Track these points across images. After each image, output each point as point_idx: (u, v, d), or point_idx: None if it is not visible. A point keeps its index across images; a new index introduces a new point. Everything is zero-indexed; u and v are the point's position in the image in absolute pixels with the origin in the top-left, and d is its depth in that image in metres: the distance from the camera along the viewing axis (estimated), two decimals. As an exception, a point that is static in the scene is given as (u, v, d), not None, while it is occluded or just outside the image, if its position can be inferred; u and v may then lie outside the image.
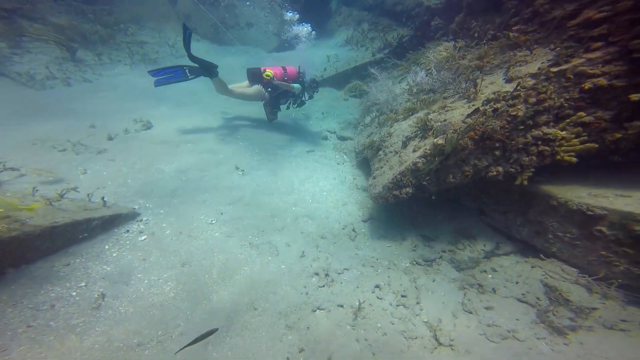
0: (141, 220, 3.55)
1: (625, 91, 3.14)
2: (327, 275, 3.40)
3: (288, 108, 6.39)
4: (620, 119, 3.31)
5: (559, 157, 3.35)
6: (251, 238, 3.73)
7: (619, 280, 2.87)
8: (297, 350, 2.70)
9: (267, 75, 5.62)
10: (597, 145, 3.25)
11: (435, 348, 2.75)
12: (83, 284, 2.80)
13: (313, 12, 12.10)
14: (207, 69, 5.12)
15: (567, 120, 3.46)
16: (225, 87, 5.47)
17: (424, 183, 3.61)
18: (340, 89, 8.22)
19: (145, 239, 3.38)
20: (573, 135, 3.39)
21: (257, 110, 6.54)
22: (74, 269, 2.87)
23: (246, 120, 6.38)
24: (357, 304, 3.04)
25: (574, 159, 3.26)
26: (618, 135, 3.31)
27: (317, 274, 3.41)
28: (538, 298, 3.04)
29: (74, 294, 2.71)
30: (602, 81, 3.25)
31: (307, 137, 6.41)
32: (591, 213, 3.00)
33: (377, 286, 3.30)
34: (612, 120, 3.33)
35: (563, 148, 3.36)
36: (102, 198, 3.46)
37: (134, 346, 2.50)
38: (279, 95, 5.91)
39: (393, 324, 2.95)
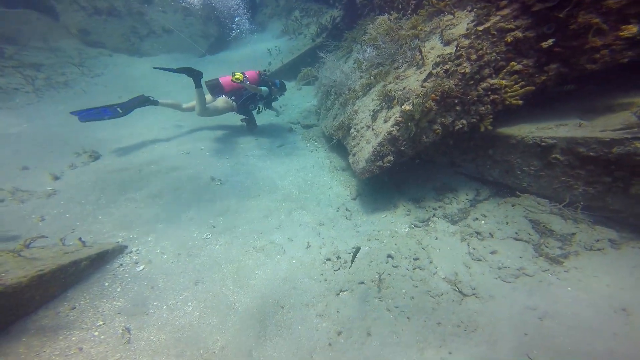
0: (131, 252, 3.32)
1: (537, 40, 3.66)
2: (338, 257, 3.50)
3: (259, 112, 6.17)
4: (540, 64, 3.89)
5: (507, 102, 3.84)
6: (253, 242, 3.66)
7: (582, 203, 3.31)
8: (335, 334, 2.77)
9: (237, 79, 5.35)
10: (534, 88, 3.79)
11: (462, 299, 2.97)
12: (100, 322, 2.67)
13: (238, 7, 11.63)
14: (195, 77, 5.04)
15: (504, 70, 3.95)
16: (203, 107, 5.25)
17: (402, 148, 3.87)
18: (290, 80, 8.17)
19: (143, 268, 3.19)
20: (513, 82, 3.90)
21: (211, 118, 6.20)
22: (82, 311, 2.72)
23: (202, 130, 6.05)
24: (377, 276, 3.20)
25: (520, 102, 3.77)
26: (543, 78, 3.89)
27: (329, 259, 3.49)
28: (529, 234, 3.42)
29: (96, 333, 2.59)
30: (518, 34, 3.70)
31: (272, 133, 6.31)
32: (545, 144, 3.50)
33: (389, 255, 3.48)
34: (535, 66, 3.89)
35: (508, 94, 3.85)
36: (80, 239, 3.11)
37: None
38: (246, 101, 5.70)
39: (416, 286, 3.14)
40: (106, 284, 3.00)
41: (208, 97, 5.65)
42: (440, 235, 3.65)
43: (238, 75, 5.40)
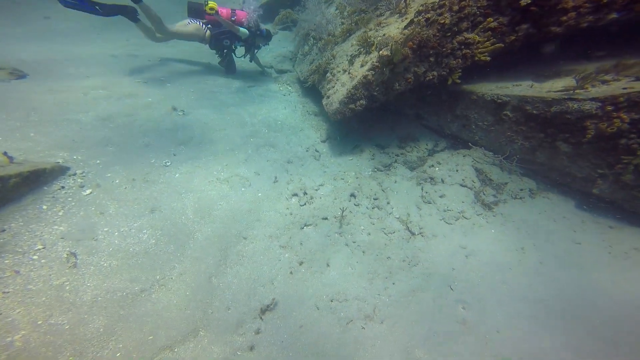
0: (75, 174, 2.98)
1: (516, -1, 3.77)
2: (305, 193, 3.54)
3: (237, 56, 5.63)
4: (513, 23, 4.05)
5: (477, 58, 3.98)
6: (217, 174, 3.52)
7: (517, 156, 3.71)
8: (297, 264, 2.87)
9: (211, 9, 4.73)
10: (503, 45, 3.96)
11: (410, 237, 3.24)
12: (40, 246, 2.44)
13: None
14: (127, 14, 4.35)
15: (480, 26, 4.06)
16: (158, 27, 4.61)
17: (375, 94, 3.88)
18: (266, 22, 7.54)
19: (90, 192, 2.91)
20: (485, 39, 4.03)
21: (181, 50, 5.59)
22: (16, 234, 2.45)
23: (164, 62, 5.44)
24: (340, 213, 3.32)
25: (488, 58, 3.93)
26: (512, 38, 4.07)
27: (295, 194, 3.52)
28: (473, 181, 3.77)
29: (35, 257, 2.38)
30: (499, -11, 3.81)
31: (243, 74, 5.88)
32: (500, 101, 3.76)
33: (352, 194, 3.61)
34: (509, 25, 4.05)
35: (479, 50, 4.00)
36: (5, 153, 2.68)
37: (138, 292, 2.38)
38: (220, 36, 5.12)
39: (373, 224, 3.34)
40: (44, 207, 2.69)
41: (183, 22, 5.05)
42: (399, 179, 3.86)
43: (212, 4, 4.84)
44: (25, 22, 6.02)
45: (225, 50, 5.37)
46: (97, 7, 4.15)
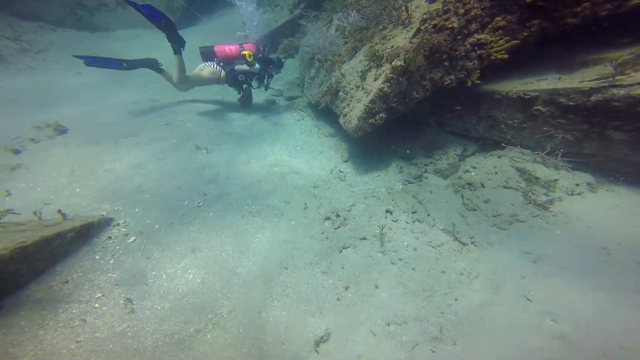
0: (119, 224, 3.09)
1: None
2: (338, 216, 3.49)
3: (255, 88, 5.80)
4: (522, 20, 4.01)
5: (493, 57, 3.93)
6: (248, 208, 3.54)
7: (561, 150, 3.49)
8: (342, 289, 2.78)
9: (250, 55, 5.04)
10: (519, 41, 3.90)
11: (462, 248, 3.03)
12: (99, 294, 2.54)
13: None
14: (150, 65, 4.84)
15: (489, 26, 4.04)
16: (181, 77, 4.94)
17: (394, 105, 3.87)
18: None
19: (135, 239, 2.99)
20: (498, 38, 3.99)
21: (194, 89, 5.85)
22: (77, 285, 2.60)
23: (181, 104, 5.68)
24: (379, 231, 3.21)
25: (505, 56, 3.87)
26: (525, 34, 4.02)
27: (328, 218, 3.47)
28: (517, 181, 3.47)
29: (97, 305, 2.48)
30: (502, -12, 3.81)
31: (255, 106, 6.05)
32: (527, 97, 3.65)
33: (388, 211, 3.52)
34: (518, 22, 4.01)
35: (494, 49, 3.95)
36: (59, 211, 2.83)
37: (193, 334, 2.37)
38: (234, 72, 5.31)
39: (417, 238, 3.19)
40: (97, 257, 2.82)
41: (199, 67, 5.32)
42: (434, 189, 3.75)
43: (247, 52, 5.10)
44: (62, 79, 6.48)
45: (244, 86, 5.53)
46: (124, 64, 4.48)
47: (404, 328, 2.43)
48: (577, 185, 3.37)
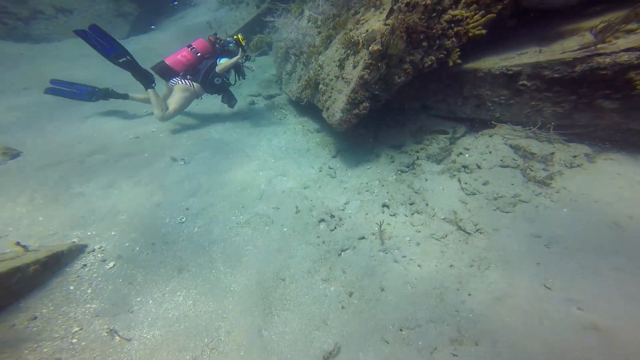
0: (94, 250, 2.83)
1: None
2: (332, 216, 3.29)
3: (234, 84, 5.30)
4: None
5: (471, 33, 3.80)
6: (235, 218, 3.29)
7: (552, 123, 3.40)
8: (346, 295, 2.59)
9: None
10: (495, 15, 3.79)
11: (467, 237, 2.85)
12: (76, 328, 2.31)
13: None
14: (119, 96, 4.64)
15: (462, 1, 3.91)
16: (164, 109, 4.49)
17: (376, 92, 3.68)
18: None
19: (114, 264, 2.73)
20: (473, 13, 3.87)
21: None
22: (49, 320, 2.34)
23: (149, 114, 5.29)
24: (377, 228, 3.02)
25: (484, 31, 3.75)
26: (499, 7, 3.92)
27: (322, 219, 3.27)
28: (514, 159, 3.35)
29: (74, 340, 2.24)
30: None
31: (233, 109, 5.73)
32: (511, 72, 3.54)
33: (384, 205, 3.34)
34: (491, -5, 3.90)
35: (471, 25, 3.82)
36: (18, 243, 2.52)
37: None
38: (207, 79, 4.77)
39: (419, 232, 3.01)
40: (71, 288, 2.55)
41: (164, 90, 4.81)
42: (429, 176, 3.60)
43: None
44: (7, 97, 5.79)
45: (222, 86, 5.07)
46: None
47: (419, 332, 2.26)
48: (574, 156, 3.29)
